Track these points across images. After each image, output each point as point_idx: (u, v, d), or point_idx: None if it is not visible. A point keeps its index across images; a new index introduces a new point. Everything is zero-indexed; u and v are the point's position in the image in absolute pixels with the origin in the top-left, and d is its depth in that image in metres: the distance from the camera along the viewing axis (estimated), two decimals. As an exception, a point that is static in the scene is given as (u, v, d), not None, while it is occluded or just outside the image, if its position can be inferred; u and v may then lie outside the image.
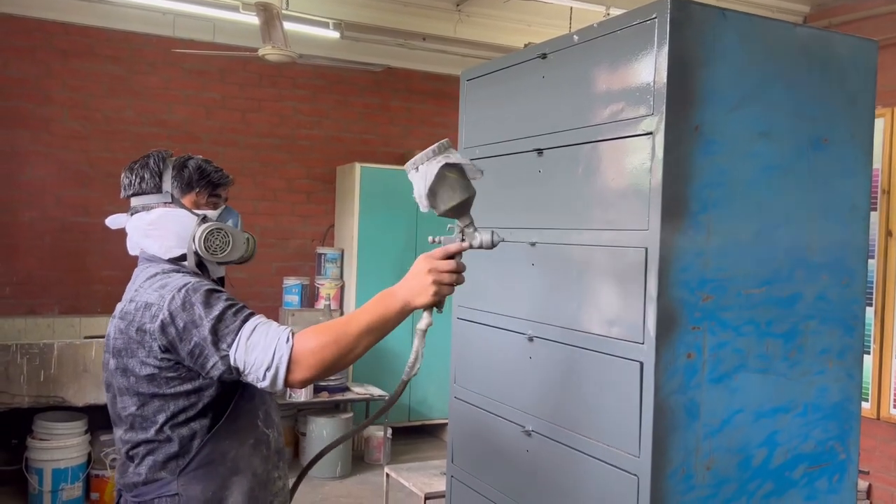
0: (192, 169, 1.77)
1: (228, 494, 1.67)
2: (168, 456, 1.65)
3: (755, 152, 1.94)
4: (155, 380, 1.63)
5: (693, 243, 1.86)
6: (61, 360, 4.50)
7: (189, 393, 1.64)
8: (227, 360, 1.56)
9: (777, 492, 2.01)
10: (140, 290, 1.66)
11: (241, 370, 1.56)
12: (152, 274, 1.70)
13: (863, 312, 2.13)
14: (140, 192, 1.76)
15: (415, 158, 1.57)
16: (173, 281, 1.64)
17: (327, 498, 4.92)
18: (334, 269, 6.08)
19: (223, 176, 1.82)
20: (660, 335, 1.83)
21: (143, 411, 1.66)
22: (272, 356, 1.53)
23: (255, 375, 1.55)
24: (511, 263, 2.38)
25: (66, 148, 5.42)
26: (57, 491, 4.48)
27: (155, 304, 1.61)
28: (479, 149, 2.57)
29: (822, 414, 2.08)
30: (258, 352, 1.54)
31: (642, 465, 1.84)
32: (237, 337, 1.55)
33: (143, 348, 1.62)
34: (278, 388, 1.57)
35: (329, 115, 6.30)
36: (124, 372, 1.66)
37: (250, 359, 1.54)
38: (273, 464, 1.79)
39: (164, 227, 1.72)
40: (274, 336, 1.55)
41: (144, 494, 1.67)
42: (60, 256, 5.38)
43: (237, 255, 1.75)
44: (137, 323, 1.62)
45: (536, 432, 2.22)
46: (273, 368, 1.53)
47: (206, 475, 1.65)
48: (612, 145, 1.98)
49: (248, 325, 1.57)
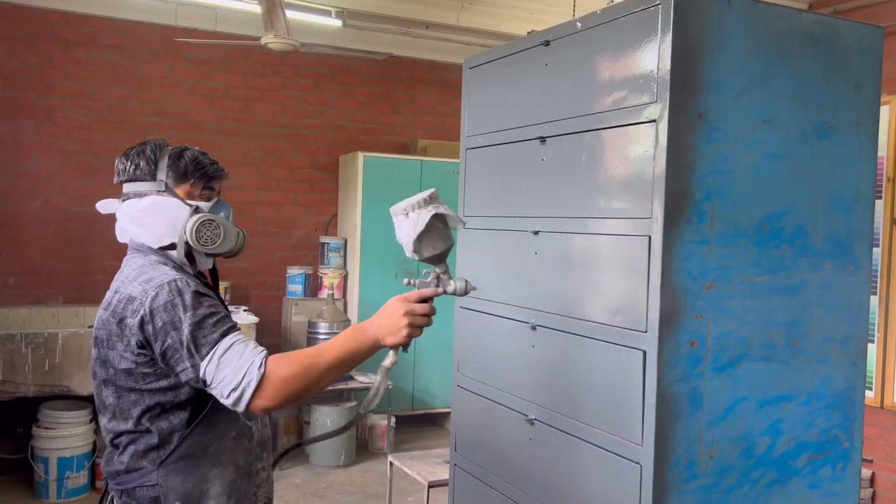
0: (188, 159, 1.75)
1: (209, 487, 1.66)
2: (148, 446, 1.65)
3: (759, 140, 1.92)
4: (132, 374, 1.62)
5: (696, 231, 1.85)
6: (66, 349, 4.52)
7: (165, 389, 1.63)
8: (196, 369, 1.55)
9: (780, 480, 2.01)
10: (125, 282, 1.65)
11: (207, 383, 1.56)
12: (139, 265, 1.68)
13: (867, 301, 2.12)
14: (133, 178, 1.74)
15: (405, 205, 1.64)
16: (158, 276, 1.62)
17: (331, 486, 4.94)
18: (337, 258, 6.08)
19: (218, 169, 1.81)
20: (663, 324, 1.82)
21: (120, 403, 1.65)
22: (241, 378, 1.53)
23: (219, 392, 1.55)
24: (514, 252, 2.37)
25: (69, 138, 5.42)
26: (62, 479, 4.51)
27: (137, 298, 1.59)
28: (481, 137, 2.56)
29: (826, 402, 2.07)
30: (228, 370, 1.54)
31: (645, 454, 1.84)
32: (212, 350, 1.55)
33: (122, 342, 1.61)
34: (239, 410, 1.56)
35: (332, 104, 6.28)
36: (104, 363, 1.65)
37: (219, 375, 1.54)
38: (256, 455, 1.78)
39: (156, 215, 1.70)
40: (248, 359, 1.54)
41: (126, 483, 1.67)
42: (64, 246, 5.39)
43: (227, 248, 1.73)
44: (119, 315, 1.61)
45: (539, 421, 2.22)
46: (239, 390, 1.53)
47: (185, 467, 1.64)
48: (616, 133, 1.97)
49: (225, 340, 1.56)
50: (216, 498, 1.67)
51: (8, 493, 4.62)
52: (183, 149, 1.78)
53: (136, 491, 1.66)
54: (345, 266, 6.13)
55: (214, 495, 1.66)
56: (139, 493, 1.66)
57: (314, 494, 4.80)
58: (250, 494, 1.76)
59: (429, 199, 1.64)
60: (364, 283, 5.95)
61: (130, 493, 1.67)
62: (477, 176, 2.62)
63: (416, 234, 1.62)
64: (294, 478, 5.07)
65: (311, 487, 4.92)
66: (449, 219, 1.66)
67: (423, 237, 1.63)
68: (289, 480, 5.02)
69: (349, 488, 4.93)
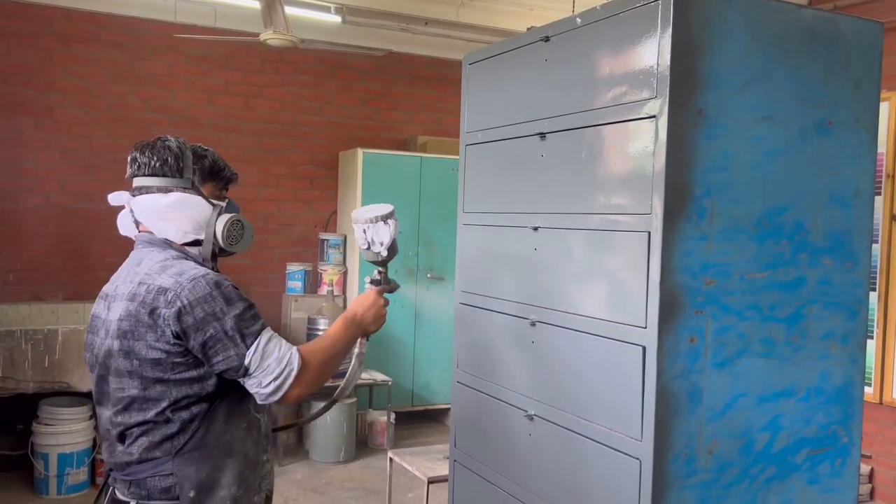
0: (210, 160, 1.84)
1: (221, 476, 1.69)
2: (164, 437, 1.67)
3: (759, 136, 1.93)
4: (160, 364, 1.65)
5: (696, 228, 1.85)
6: (66, 345, 4.52)
7: (193, 381, 1.67)
8: (242, 357, 1.63)
9: (779, 476, 2.02)
10: (152, 275, 1.68)
11: (248, 371, 1.64)
12: (161, 259, 1.71)
13: (866, 296, 2.13)
14: (158, 173, 1.76)
15: (382, 213, 1.98)
16: (189, 269, 1.67)
17: (331, 482, 4.95)
18: (337, 254, 6.08)
19: (234, 174, 1.90)
20: (662, 319, 1.82)
21: (145, 394, 1.66)
22: (283, 367, 1.66)
23: (258, 380, 1.65)
24: (514, 248, 2.38)
25: (69, 135, 5.42)
26: (62, 475, 4.52)
27: (171, 289, 1.63)
28: (481, 133, 2.56)
29: (825, 398, 2.08)
30: (271, 360, 1.66)
31: (644, 449, 1.85)
32: (257, 340, 1.66)
33: (154, 332, 1.63)
34: (275, 398, 1.67)
35: (331, 100, 6.28)
36: (127, 354, 1.66)
37: (263, 364, 1.65)
38: (262, 447, 1.82)
39: (183, 211, 1.75)
40: (287, 349, 1.68)
41: (137, 473, 1.68)
42: (64, 243, 5.39)
43: (246, 247, 1.83)
44: (150, 306, 1.64)
45: (539, 416, 2.23)
46: (281, 379, 1.66)
47: (200, 457, 1.68)
48: (615, 129, 1.97)
49: (265, 332, 1.68)
50: (227, 487, 1.70)
51: (8, 489, 4.62)
52: (203, 149, 1.85)
53: (148, 481, 1.68)
54: (344, 262, 6.13)
55: (226, 484, 1.70)
56: (150, 483, 1.67)
57: (314, 490, 4.81)
58: (255, 485, 1.79)
59: (393, 212, 2.00)
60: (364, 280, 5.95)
61: (141, 483, 1.68)
62: (476, 172, 2.62)
63: (391, 239, 1.99)
64: (294, 474, 5.08)
65: (311, 483, 4.93)
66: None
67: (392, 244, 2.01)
68: (289, 476, 5.02)
69: (349, 484, 4.94)
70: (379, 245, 2.01)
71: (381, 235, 1.99)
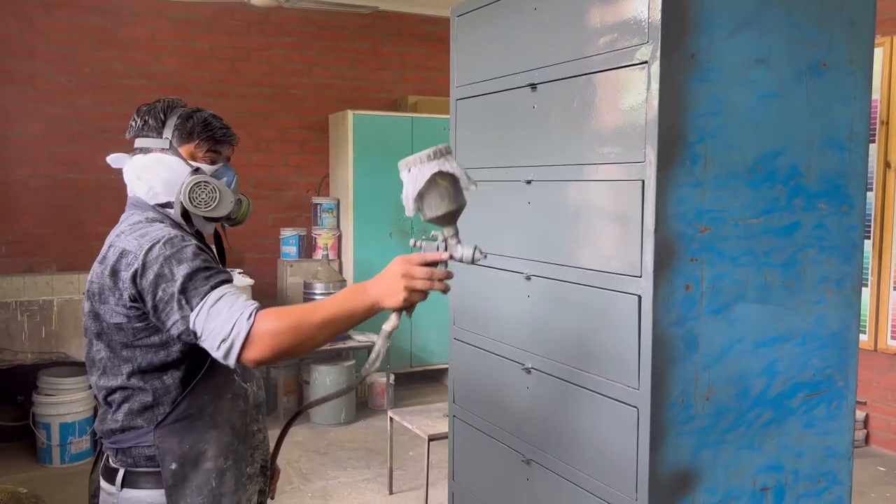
0: (196, 120, 1.76)
1: (206, 448, 1.67)
2: (143, 405, 1.65)
3: (752, 79, 1.90)
4: (123, 329, 1.62)
5: (690, 174, 1.84)
6: (62, 316, 4.52)
7: (157, 347, 1.63)
8: (186, 321, 1.52)
9: (776, 420, 2.03)
10: (121, 236, 1.64)
11: (197, 335, 1.53)
12: (135, 221, 1.68)
13: (861, 240, 2.12)
14: (142, 134, 1.75)
15: (409, 159, 1.52)
16: (154, 231, 1.61)
17: (333, 443, 4.99)
18: (331, 218, 6.06)
19: (227, 134, 1.80)
20: (657, 268, 1.82)
21: (112, 359, 1.65)
22: (230, 329, 1.49)
23: (210, 343, 1.52)
24: (507, 202, 2.36)
25: (54, 103, 5.34)
26: (65, 444, 4.55)
27: (132, 252, 1.58)
28: (471, 87, 2.52)
29: (821, 343, 2.08)
30: (218, 321, 1.50)
31: (642, 397, 1.85)
32: (202, 301, 1.52)
33: (114, 295, 1.60)
34: (230, 363, 1.51)
35: (319, 61, 6.19)
36: (96, 317, 1.65)
37: (209, 326, 1.50)
38: (252, 417, 1.79)
39: (155, 171, 1.70)
40: (237, 310, 1.51)
41: (122, 442, 1.67)
42: (55, 213, 5.35)
43: (223, 212, 1.72)
44: (112, 268, 1.60)
45: (536, 369, 2.23)
46: (229, 341, 1.49)
47: (182, 429, 1.65)
48: (607, 77, 1.94)
49: (215, 291, 1.53)
50: (213, 459, 1.67)
51: (12, 459, 4.66)
52: (195, 110, 1.78)
53: (133, 450, 1.67)
54: (338, 226, 6.11)
55: (212, 456, 1.67)
56: (135, 451, 1.67)
57: (316, 452, 4.85)
58: (247, 456, 1.76)
59: (434, 155, 1.51)
60: (358, 243, 5.94)
61: (126, 451, 1.67)
62: (468, 127, 2.59)
63: (415, 192, 1.52)
64: (296, 436, 5.12)
65: (313, 445, 4.97)
66: (459, 177, 1.54)
67: (425, 195, 1.53)
68: (290, 439, 5.06)
69: (350, 445, 4.98)
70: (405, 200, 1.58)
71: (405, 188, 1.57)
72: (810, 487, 2.11)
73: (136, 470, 1.67)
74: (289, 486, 4.31)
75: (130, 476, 1.67)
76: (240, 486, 1.73)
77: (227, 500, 1.69)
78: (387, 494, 4.21)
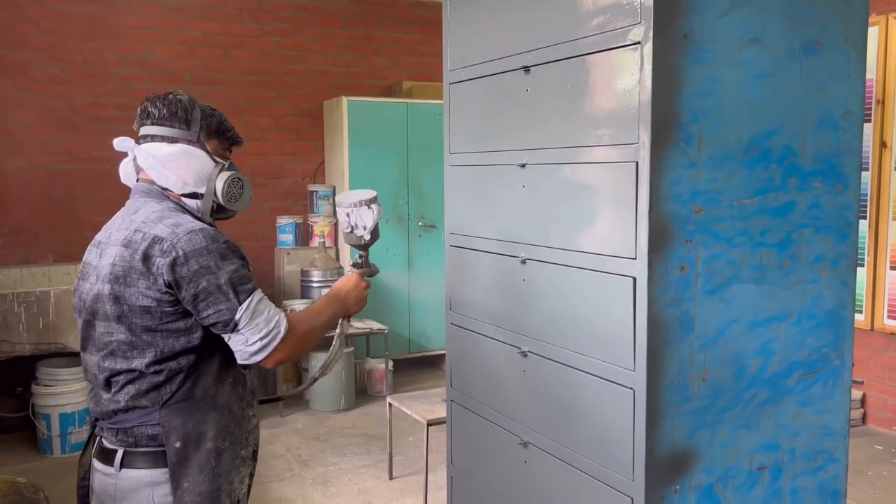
0: (218, 119, 1.87)
1: (207, 429, 1.71)
2: (151, 386, 1.68)
3: (746, 59, 1.89)
4: (150, 312, 1.65)
5: (684, 155, 1.83)
6: (59, 307, 4.52)
7: (180, 332, 1.68)
8: (233, 311, 1.65)
9: (772, 400, 2.04)
10: (147, 223, 1.69)
11: (237, 327, 1.66)
12: (158, 210, 1.73)
13: (856, 219, 2.12)
14: (166, 123, 1.78)
15: (366, 198, 2.10)
16: (185, 222, 1.69)
17: (332, 430, 5.01)
18: (327, 206, 6.05)
19: (239, 137, 1.95)
20: (652, 250, 1.81)
21: (130, 343, 1.67)
22: (272, 328, 1.69)
23: (245, 337, 1.66)
24: (501, 186, 2.35)
25: (47, 93, 5.31)
26: (65, 435, 4.56)
27: (167, 239, 1.64)
28: (464, 70, 2.51)
29: (817, 322, 2.09)
30: (260, 319, 1.68)
31: (637, 379, 1.86)
32: (250, 297, 1.67)
33: (146, 280, 1.64)
34: (258, 358, 1.69)
35: (312, 48, 6.16)
36: (117, 299, 1.67)
37: (252, 322, 1.66)
38: (248, 402, 1.85)
39: (185, 163, 1.77)
40: (276, 312, 1.72)
41: (124, 422, 1.70)
42: (50, 204, 5.34)
43: (244, 207, 1.86)
44: (143, 253, 1.65)
45: (532, 353, 2.24)
46: (268, 339, 1.68)
47: (186, 409, 1.69)
48: (600, 58, 1.93)
49: (258, 292, 1.71)
50: (213, 440, 1.72)
51: (13, 450, 4.67)
52: (212, 108, 1.89)
53: (135, 430, 1.69)
54: (335, 214, 6.10)
55: (212, 437, 1.72)
56: (137, 431, 1.69)
57: (315, 438, 4.87)
58: (242, 439, 1.81)
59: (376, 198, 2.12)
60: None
61: (128, 431, 1.69)
62: (461, 111, 2.58)
63: (375, 223, 2.10)
64: (295, 423, 5.13)
65: (313, 432, 4.99)
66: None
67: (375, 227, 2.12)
68: (290, 426, 5.08)
69: (350, 431, 5.00)
70: (362, 229, 2.10)
71: (365, 219, 2.08)
72: (807, 466, 2.12)
73: (135, 450, 1.70)
74: (289, 472, 4.33)
75: (129, 456, 1.70)
76: (234, 467, 1.77)
77: (223, 480, 1.73)
78: (387, 479, 4.23)
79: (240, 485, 1.80)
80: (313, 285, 5.58)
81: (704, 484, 1.94)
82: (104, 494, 1.74)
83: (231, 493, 1.76)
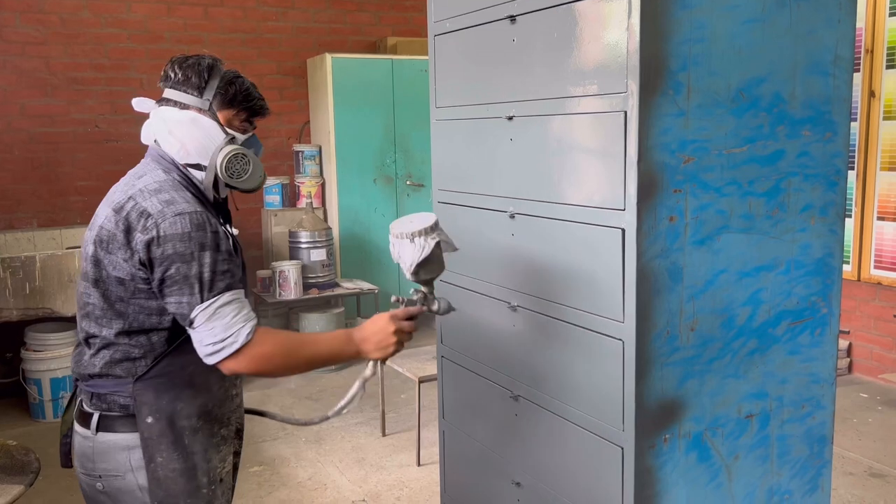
0: (239, 88, 1.76)
1: (182, 408, 1.67)
2: (125, 356, 1.66)
3: (735, 3, 1.85)
4: (123, 284, 1.62)
5: (673, 104, 1.80)
6: (45, 271, 4.48)
7: (152, 311, 1.64)
8: (191, 307, 1.57)
9: (761, 349, 2.05)
10: (144, 193, 1.63)
11: (192, 324, 1.58)
12: (161, 179, 1.66)
13: (845, 166, 2.11)
14: (179, 88, 1.72)
15: (409, 230, 1.77)
16: (180, 201, 1.61)
17: (325, 389, 5.04)
18: (313, 166, 5.99)
19: (265, 107, 1.82)
20: (641, 200, 1.80)
21: (104, 310, 1.65)
22: (226, 336, 1.57)
23: (198, 338, 1.58)
24: (489, 140, 2.32)
25: (24, 55, 5.19)
26: (57, 399, 4.57)
27: (153, 216, 1.58)
28: (449, 21, 2.46)
29: (805, 271, 2.09)
30: (219, 324, 1.57)
31: (626, 330, 1.86)
32: (215, 298, 1.57)
33: (124, 251, 1.60)
34: (207, 362, 1.60)
35: (295, 4, 6.04)
36: (98, 263, 1.64)
37: (209, 324, 1.57)
38: (230, 381, 1.80)
39: (189, 131, 1.69)
40: (240, 321, 1.59)
41: (99, 387, 1.68)
42: (32, 168, 5.26)
43: (253, 185, 1.76)
44: (127, 224, 1.60)
45: (522, 307, 2.23)
46: (219, 346, 1.57)
47: (160, 385, 1.66)
48: (587, 5, 1.89)
49: (227, 294, 1.59)
50: (188, 418, 1.68)
51: (5, 415, 4.68)
52: (236, 75, 1.78)
53: (109, 397, 1.68)
54: (321, 174, 6.05)
55: (186, 415, 1.68)
56: (110, 398, 1.68)
57: (308, 398, 4.90)
58: (223, 418, 1.78)
59: (433, 228, 1.78)
60: (342, 190, 5.89)
61: (102, 397, 1.68)
62: (447, 64, 2.53)
63: (419, 260, 1.76)
64: (288, 383, 5.15)
65: (305, 392, 5.01)
66: (445, 245, 1.82)
67: (425, 263, 1.78)
68: (282, 387, 5.10)
69: (343, 390, 5.02)
70: (405, 264, 1.80)
71: (404, 254, 1.79)
72: (794, 413, 2.14)
73: (110, 414, 1.68)
74: (283, 431, 4.36)
75: (105, 420, 1.68)
76: (211, 446, 1.73)
77: (198, 458, 1.70)
78: (380, 436, 4.27)
79: (220, 463, 1.76)
80: (301, 246, 5.55)
81: (694, 433, 1.96)
82: (83, 456, 1.73)
83: (210, 472, 1.72)
